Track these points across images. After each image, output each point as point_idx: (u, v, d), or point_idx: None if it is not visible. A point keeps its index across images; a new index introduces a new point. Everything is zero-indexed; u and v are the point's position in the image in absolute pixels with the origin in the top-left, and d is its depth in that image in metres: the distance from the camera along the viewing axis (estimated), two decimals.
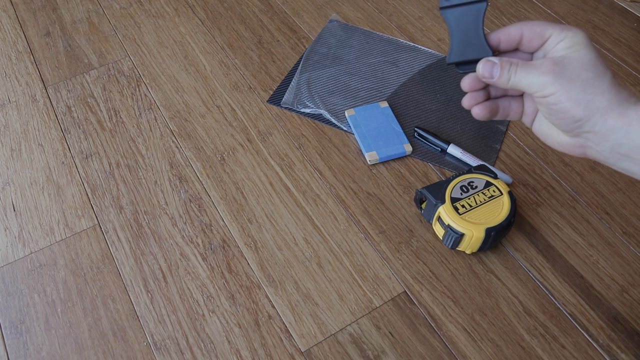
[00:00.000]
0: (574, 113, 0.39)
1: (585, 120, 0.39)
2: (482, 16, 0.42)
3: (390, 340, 0.64)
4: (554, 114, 0.40)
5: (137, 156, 0.81)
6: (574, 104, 0.38)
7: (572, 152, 0.42)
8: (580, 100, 0.38)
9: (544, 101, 0.40)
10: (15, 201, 0.76)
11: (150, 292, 0.68)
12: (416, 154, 0.81)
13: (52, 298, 0.67)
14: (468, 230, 0.65)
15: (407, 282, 0.69)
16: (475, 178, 0.70)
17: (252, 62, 0.93)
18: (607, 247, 0.72)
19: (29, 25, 1.00)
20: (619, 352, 0.63)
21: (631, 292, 0.68)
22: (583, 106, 0.38)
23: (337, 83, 0.90)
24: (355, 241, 0.72)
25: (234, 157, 0.81)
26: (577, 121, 0.39)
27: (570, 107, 0.39)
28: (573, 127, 0.40)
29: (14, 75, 0.92)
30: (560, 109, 0.39)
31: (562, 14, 1.03)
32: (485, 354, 0.63)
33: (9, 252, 0.71)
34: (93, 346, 0.64)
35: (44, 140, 0.83)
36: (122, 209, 0.75)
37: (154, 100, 0.88)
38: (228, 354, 0.63)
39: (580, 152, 0.42)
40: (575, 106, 0.38)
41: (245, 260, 0.70)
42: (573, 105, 0.39)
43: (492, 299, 0.67)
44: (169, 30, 0.99)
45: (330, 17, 1.01)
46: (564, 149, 0.43)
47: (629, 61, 0.94)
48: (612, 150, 0.39)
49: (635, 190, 0.77)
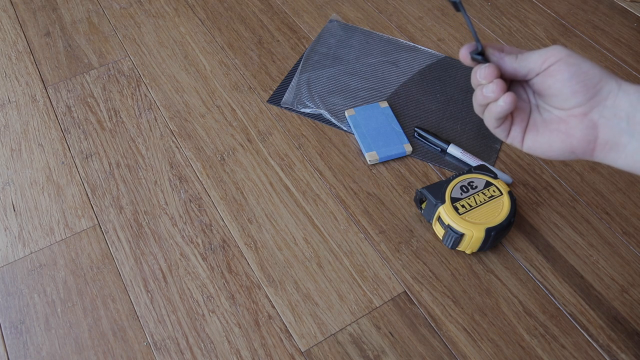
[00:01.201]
0: (595, 71, 0.39)
1: (604, 81, 0.39)
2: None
3: (390, 340, 0.64)
4: (575, 76, 0.39)
5: (137, 156, 0.81)
6: (591, 65, 0.39)
7: (579, 147, 0.41)
8: (595, 65, 0.39)
9: (563, 63, 0.39)
10: (15, 201, 0.76)
11: (150, 292, 0.68)
12: (416, 154, 0.81)
13: (52, 298, 0.67)
14: (468, 230, 0.65)
15: (407, 282, 0.69)
16: (475, 178, 0.70)
17: (252, 62, 0.93)
18: (607, 247, 0.72)
19: (29, 25, 1.00)
20: (619, 352, 0.63)
21: (631, 292, 0.68)
22: (599, 69, 0.39)
23: (337, 83, 0.90)
24: (355, 241, 0.72)
25: (234, 157, 0.81)
26: (599, 81, 0.39)
27: (589, 67, 0.39)
28: (593, 92, 0.39)
29: (14, 75, 0.92)
30: (581, 69, 0.39)
31: (562, 14, 1.03)
32: (485, 354, 0.63)
33: (9, 252, 0.71)
34: (93, 346, 0.64)
35: (44, 140, 0.83)
36: (122, 209, 0.75)
37: (154, 100, 0.88)
38: (228, 354, 0.63)
39: (590, 138, 0.40)
40: (592, 66, 0.39)
41: (245, 260, 0.70)
42: (591, 66, 0.39)
43: (492, 299, 0.67)
44: (169, 30, 0.99)
45: (330, 17, 1.01)
46: (569, 147, 0.41)
47: (629, 61, 0.94)
48: (628, 120, 0.38)
49: (635, 190, 0.77)
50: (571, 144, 0.41)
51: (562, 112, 0.41)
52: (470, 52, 0.43)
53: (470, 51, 0.43)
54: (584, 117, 0.40)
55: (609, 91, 0.39)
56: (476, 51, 0.43)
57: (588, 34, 0.99)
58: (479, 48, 0.42)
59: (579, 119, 0.40)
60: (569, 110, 0.41)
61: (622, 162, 0.40)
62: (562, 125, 0.41)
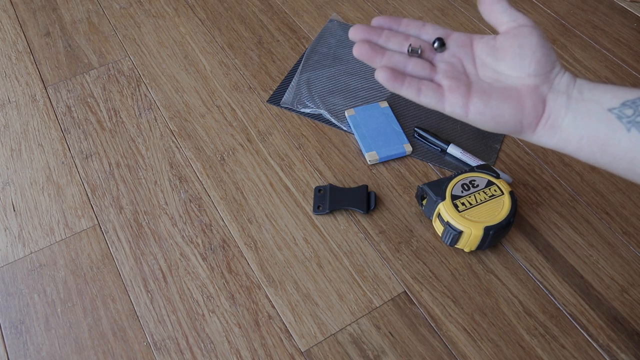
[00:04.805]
0: (553, 52, 0.41)
1: (557, 62, 0.41)
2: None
3: (390, 340, 0.64)
4: (542, 46, 0.41)
5: (137, 156, 0.81)
6: (552, 46, 0.43)
7: (527, 119, 0.41)
8: (554, 48, 0.44)
9: (534, 30, 0.41)
10: (15, 201, 0.76)
11: (150, 292, 0.68)
12: (416, 154, 0.81)
13: (52, 298, 0.67)
14: (467, 227, 0.65)
15: (407, 282, 0.69)
16: (477, 177, 0.70)
17: (252, 62, 0.93)
18: (607, 247, 0.72)
19: (29, 25, 1.00)
20: (618, 352, 0.63)
21: (631, 292, 0.68)
22: (555, 53, 0.43)
23: (337, 83, 0.90)
24: (355, 241, 0.72)
25: (234, 157, 0.81)
26: (555, 60, 0.42)
27: (551, 46, 0.42)
28: (550, 67, 0.41)
29: (14, 75, 0.92)
30: (547, 43, 0.41)
31: (562, 14, 1.03)
32: (485, 354, 0.63)
33: (9, 252, 0.71)
34: (93, 346, 0.64)
35: (44, 140, 0.83)
36: (122, 209, 0.75)
37: (154, 100, 0.88)
38: (228, 354, 0.63)
39: (538, 111, 0.41)
40: (553, 47, 0.42)
41: (245, 260, 0.70)
42: (552, 46, 0.42)
43: (492, 299, 0.67)
44: (169, 30, 0.99)
45: (330, 17, 1.01)
46: (519, 118, 0.41)
47: (629, 61, 0.94)
48: (568, 95, 0.40)
49: (635, 190, 0.77)
50: (522, 114, 0.41)
51: (516, 80, 0.42)
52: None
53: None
54: (536, 89, 0.41)
55: (557, 72, 0.41)
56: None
57: (588, 34, 0.99)
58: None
59: (531, 89, 0.41)
60: (525, 79, 0.41)
61: (557, 139, 0.41)
62: (514, 93, 0.41)
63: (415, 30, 0.45)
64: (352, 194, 0.75)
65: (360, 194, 0.75)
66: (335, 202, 0.74)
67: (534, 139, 0.42)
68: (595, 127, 0.39)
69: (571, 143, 0.40)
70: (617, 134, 0.38)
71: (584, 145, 0.40)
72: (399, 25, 0.46)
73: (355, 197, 0.75)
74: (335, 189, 0.75)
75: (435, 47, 0.44)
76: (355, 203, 0.74)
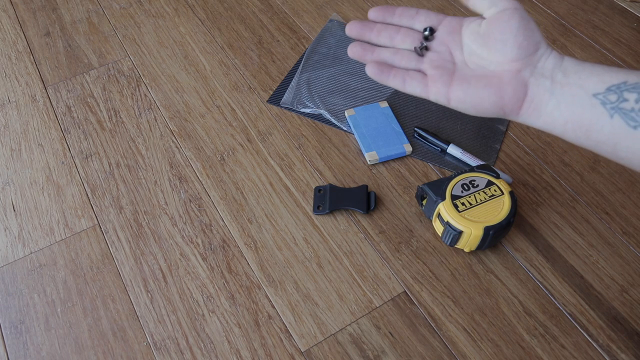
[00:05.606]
0: (538, 33, 0.42)
1: (542, 43, 0.41)
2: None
3: (390, 340, 0.64)
4: (524, 29, 0.41)
5: (137, 156, 0.81)
6: (536, 26, 0.41)
7: (509, 104, 0.41)
8: (538, 28, 0.42)
9: (516, 12, 0.41)
10: (15, 201, 0.76)
11: (150, 292, 0.68)
12: (416, 154, 0.81)
13: (52, 298, 0.67)
14: (466, 227, 0.65)
15: (407, 282, 0.69)
16: (477, 177, 0.70)
17: (252, 62, 0.93)
18: (607, 247, 0.72)
19: (29, 25, 1.00)
20: (618, 352, 0.63)
21: (631, 292, 0.68)
22: (540, 32, 0.42)
23: (337, 83, 0.90)
24: (355, 241, 0.72)
25: (233, 157, 0.81)
26: (539, 41, 0.41)
27: (535, 26, 0.42)
28: (533, 49, 0.41)
29: (14, 75, 0.92)
30: (529, 24, 0.41)
31: (562, 14, 1.03)
32: (485, 354, 0.63)
33: (9, 252, 0.71)
34: (93, 346, 0.64)
35: (44, 140, 0.83)
36: (122, 209, 0.75)
37: (153, 100, 0.88)
38: (228, 354, 0.63)
39: (520, 96, 0.41)
40: (537, 27, 0.42)
41: (245, 260, 0.70)
42: (536, 26, 0.41)
43: (492, 299, 0.67)
44: (168, 30, 0.99)
45: (330, 17, 1.01)
46: (500, 103, 0.42)
47: (629, 61, 0.94)
48: (552, 79, 0.40)
49: (635, 190, 0.77)
50: (502, 100, 0.41)
51: (498, 65, 0.42)
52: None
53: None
54: (518, 74, 0.41)
55: (542, 54, 0.41)
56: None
57: (588, 34, 0.99)
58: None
59: (512, 75, 0.41)
60: (507, 64, 0.42)
61: (542, 122, 0.42)
62: (495, 80, 0.42)
63: (409, 18, 0.47)
64: (352, 194, 0.75)
65: (360, 194, 0.75)
66: (335, 202, 0.74)
67: (519, 120, 0.43)
68: (580, 113, 0.39)
69: (556, 127, 0.41)
70: (600, 120, 0.39)
71: (569, 130, 0.41)
72: (393, 15, 0.47)
73: (355, 197, 0.75)
74: (335, 189, 0.75)
75: (425, 37, 0.46)
76: (355, 203, 0.74)
